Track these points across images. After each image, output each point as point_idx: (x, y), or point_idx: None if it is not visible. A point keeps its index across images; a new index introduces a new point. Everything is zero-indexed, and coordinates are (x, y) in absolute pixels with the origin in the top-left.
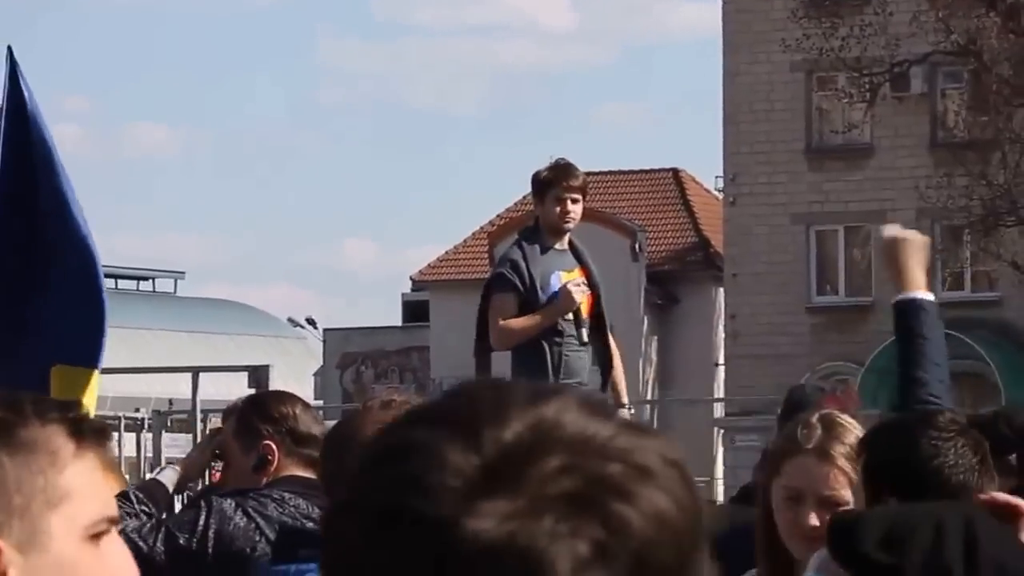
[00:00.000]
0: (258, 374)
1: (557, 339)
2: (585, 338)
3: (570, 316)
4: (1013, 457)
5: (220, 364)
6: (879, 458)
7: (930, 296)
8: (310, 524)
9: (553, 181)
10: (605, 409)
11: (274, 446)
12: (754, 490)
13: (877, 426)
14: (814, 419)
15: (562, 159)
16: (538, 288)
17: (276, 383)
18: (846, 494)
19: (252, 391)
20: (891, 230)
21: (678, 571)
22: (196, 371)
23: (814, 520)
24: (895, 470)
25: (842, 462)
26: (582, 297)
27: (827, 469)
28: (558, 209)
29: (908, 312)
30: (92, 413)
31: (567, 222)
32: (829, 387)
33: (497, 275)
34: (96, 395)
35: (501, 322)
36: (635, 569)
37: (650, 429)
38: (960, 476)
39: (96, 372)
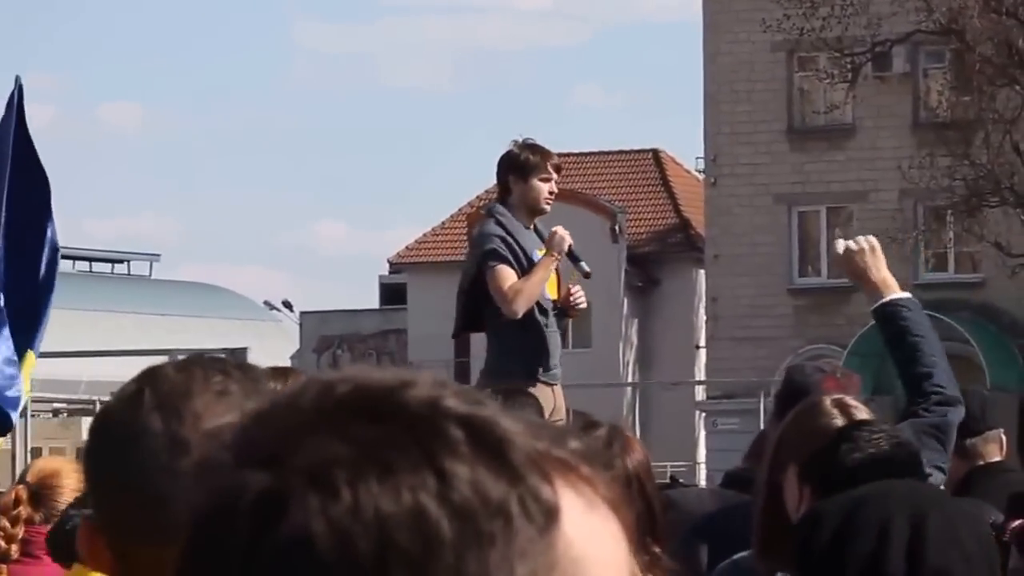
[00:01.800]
0: (237, 357)
1: (544, 319)
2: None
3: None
4: (968, 442)
5: (197, 347)
6: (795, 431)
7: (907, 294)
8: None
9: (541, 161)
10: (412, 372)
11: None
12: (743, 475)
13: None
14: (828, 405)
15: (530, 139)
16: (530, 261)
17: None
18: None
19: None
20: (840, 245)
21: None
22: (174, 354)
23: None
24: (807, 446)
25: None
26: (568, 239)
27: None
28: (546, 188)
29: (892, 315)
30: (27, 395)
31: (549, 203)
32: (829, 368)
33: (489, 251)
34: (31, 378)
35: (509, 286)
36: None
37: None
38: (863, 455)
39: (32, 354)
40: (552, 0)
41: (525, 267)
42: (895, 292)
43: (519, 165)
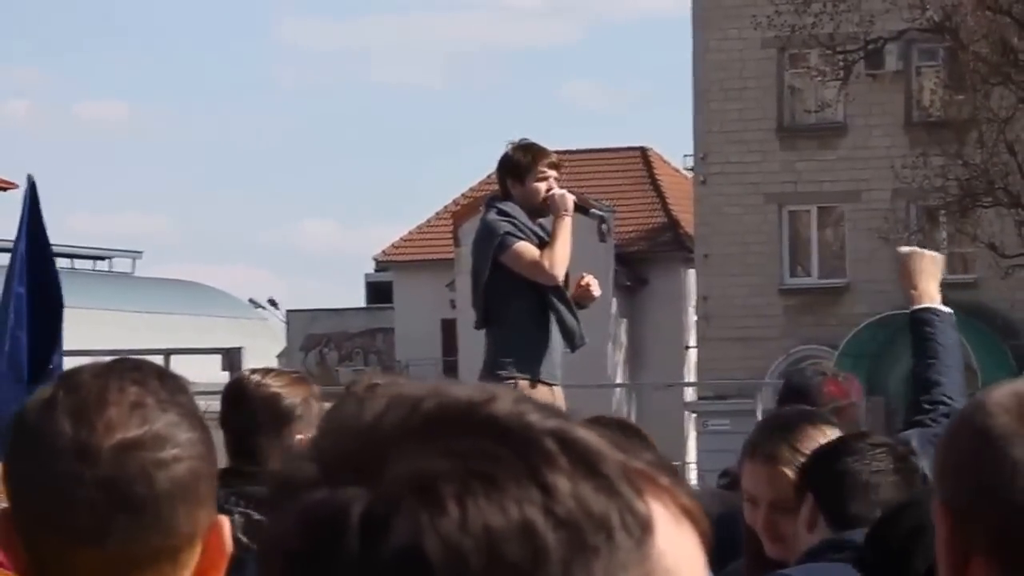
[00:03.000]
0: (231, 356)
1: (547, 316)
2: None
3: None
4: None
5: (187, 346)
6: (812, 457)
7: (946, 309)
8: None
9: (535, 161)
10: (489, 387)
11: None
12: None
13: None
14: (771, 425)
15: (526, 139)
16: (541, 239)
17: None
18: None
19: (226, 374)
20: (906, 248)
21: None
22: (167, 353)
23: (763, 524)
24: (815, 465)
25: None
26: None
27: (773, 474)
28: (544, 188)
29: (925, 321)
30: None
31: (548, 202)
32: (830, 371)
33: (505, 234)
34: None
35: (539, 257)
36: None
37: (563, 412)
38: (871, 475)
39: None
40: None
41: (538, 243)
42: (936, 303)
43: (513, 167)
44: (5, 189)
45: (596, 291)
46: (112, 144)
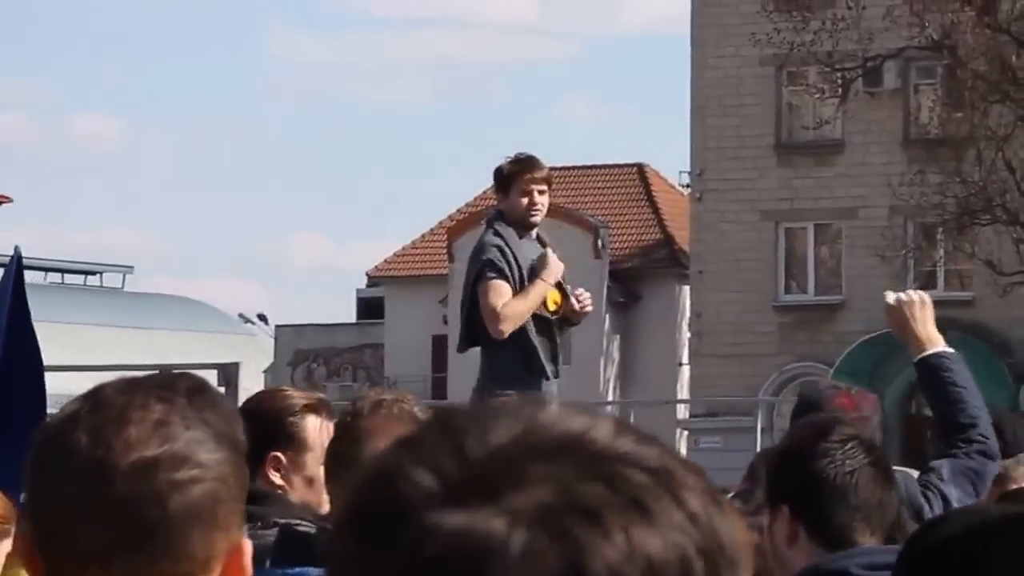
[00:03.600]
0: (227, 372)
1: (539, 335)
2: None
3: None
4: (1001, 464)
5: (176, 361)
6: (773, 465)
7: (951, 349)
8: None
9: (518, 173)
10: (594, 412)
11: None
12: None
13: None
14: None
15: (522, 153)
16: (524, 275)
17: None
18: None
19: (221, 389)
20: (891, 296)
21: None
22: (162, 369)
23: None
24: (784, 474)
25: None
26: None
27: None
28: (525, 201)
29: (936, 367)
30: None
31: (534, 214)
32: (844, 386)
33: (487, 261)
34: None
35: (502, 306)
36: None
37: (648, 435)
38: (847, 476)
39: None
40: (537, 14)
41: (519, 279)
42: (940, 346)
43: (500, 178)
44: (0, 203)
45: (589, 307)
46: (104, 158)
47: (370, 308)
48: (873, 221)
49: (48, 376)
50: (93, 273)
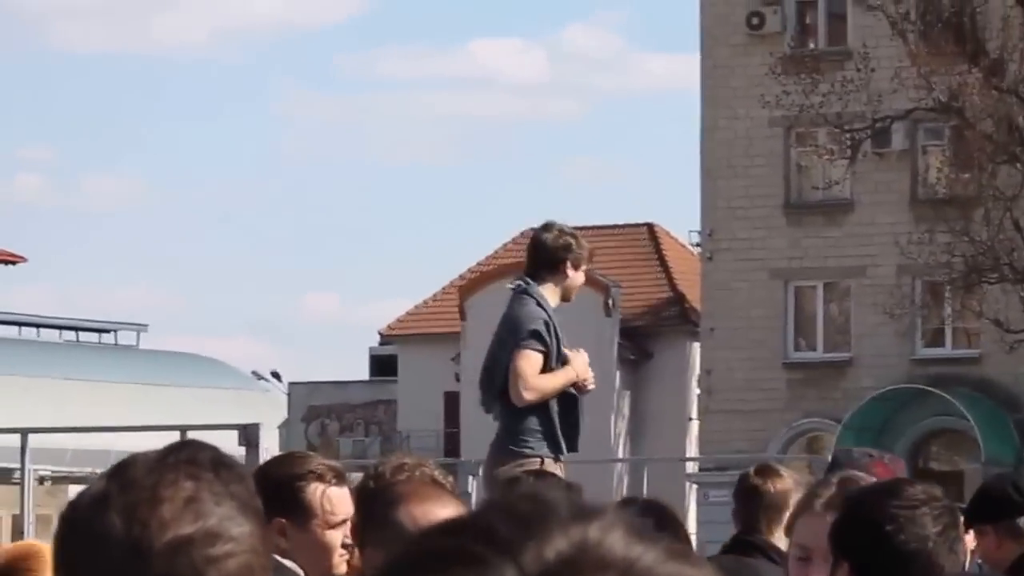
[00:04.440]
0: (249, 432)
1: (554, 414)
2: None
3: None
4: (1021, 521)
5: (194, 421)
6: (840, 521)
7: None
8: None
9: (585, 255)
10: (649, 533)
11: None
12: (745, 541)
13: (853, 492)
14: (834, 479)
15: (564, 225)
16: (559, 348)
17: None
18: None
19: (242, 449)
20: None
21: None
22: (184, 429)
23: None
24: (852, 535)
25: None
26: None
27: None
28: (583, 279)
29: None
30: None
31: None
32: (876, 454)
33: (534, 332)
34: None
35: (532, 376)
36: None
37: (696, 556)
38: (913, 545)
39: None
40: (548, 73)
41: (556, 351)
42: None
43: (568, 253)
44: (15, 263)
45: (591, 386)
46: (117, 218)
47: (383, 366)
48: (881, 280)
49: (73, 436)
50: (107, 331)
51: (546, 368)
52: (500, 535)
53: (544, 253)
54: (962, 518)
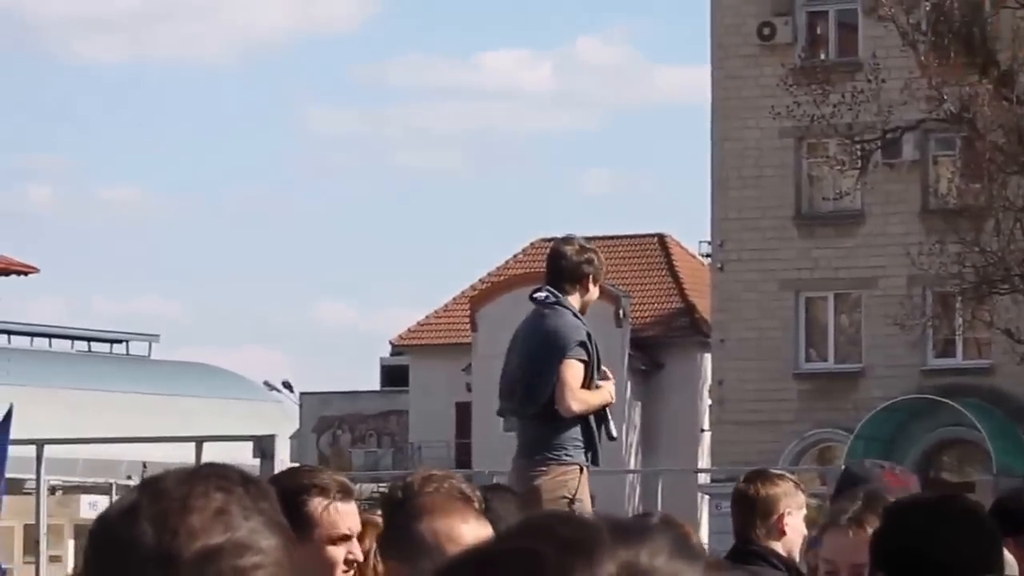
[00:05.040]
0: (264, 444)
1: (593, 423)
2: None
3: None
4: None
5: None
6: (880, 535)
7: None
8: None
9: (600, 269)
10: (694, 553)
11: None
12: (749, 550)
13: (894, 505)
14: (859, 494)
15: (580, 239)
16: (596, 365)
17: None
18: None
19: (257, 461)
20: None
21: None
22: (200, 441)
23: None
24: (892, 549)
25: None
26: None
27: (860, 539)
28: (597, 296)
29: None
30: None
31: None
32: (888, 465)
33: (581, 343)
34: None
35: (580, 391)
36: None
37: (738, 571)
38: (953, 561)
39: None
40: (561, 85)
41: (596, 365)
42: None
43: (589, 268)
44: (27, 273)
45: (608, 398)
46: (129, 228)
47: (394, 376)
48: (892, 290)
49: (84, 446)
50: (119, 341)
51: (587, 378)
52: (547, 563)
53: (568, 266)
54: None
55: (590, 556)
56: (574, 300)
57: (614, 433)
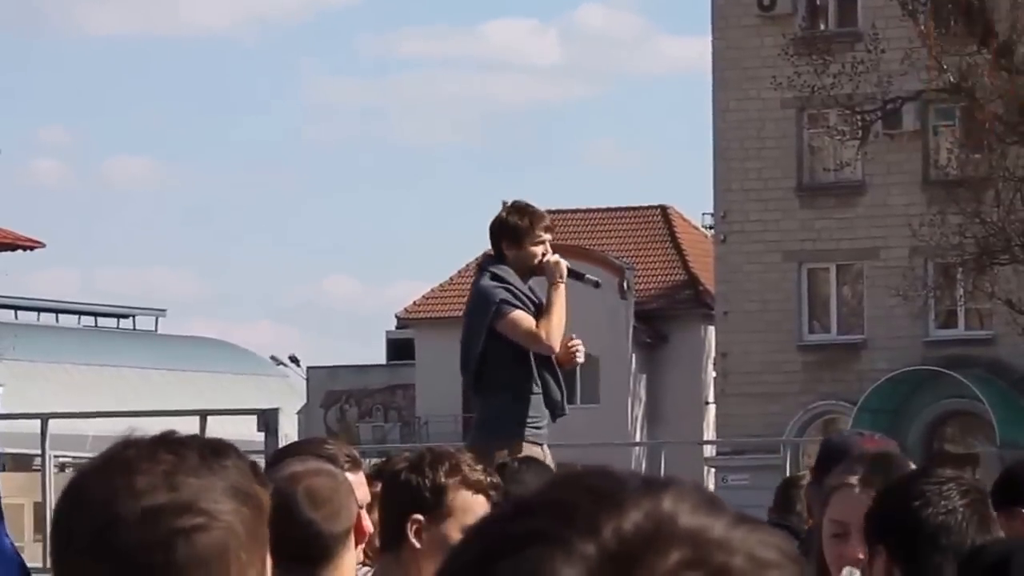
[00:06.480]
0: (267, 417)
1: (546, 375)
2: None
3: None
4: None
5: (212, 405)
6: (872, 508)
7: None
8: None
9: (531, 226)
10: (718, 504)
11: None
12: (775, 525)
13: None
14: (868, 454)
15: (520, 201)
16: (536, 304)
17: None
18: None
19: (261, 435)
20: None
21: None
22: (203, 415)
23: (860, 553)
24: (883, 517)
25: None
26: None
27: (871, 499)
28: (539, 251)
29: None
30: None
31: (542, 263)
32: (867, 433)
33: (502, 301)
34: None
35: (536, 327)
36: None
37: (764, 524)
38: (941, 518)
39: None
40: (564, 57)
41: (534, 310)
42: None
43: (510, 231)
44: (33, 248)
45: (580, 358)
46: (136, 202)
47: (400, 349)
48: (894, 261)
49: (91, 421)
50: (126, 316)
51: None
52: (576, 512)
53: (492, 236)
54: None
55: (620, 505)
56: (512, 261)
57: (596, 279)
